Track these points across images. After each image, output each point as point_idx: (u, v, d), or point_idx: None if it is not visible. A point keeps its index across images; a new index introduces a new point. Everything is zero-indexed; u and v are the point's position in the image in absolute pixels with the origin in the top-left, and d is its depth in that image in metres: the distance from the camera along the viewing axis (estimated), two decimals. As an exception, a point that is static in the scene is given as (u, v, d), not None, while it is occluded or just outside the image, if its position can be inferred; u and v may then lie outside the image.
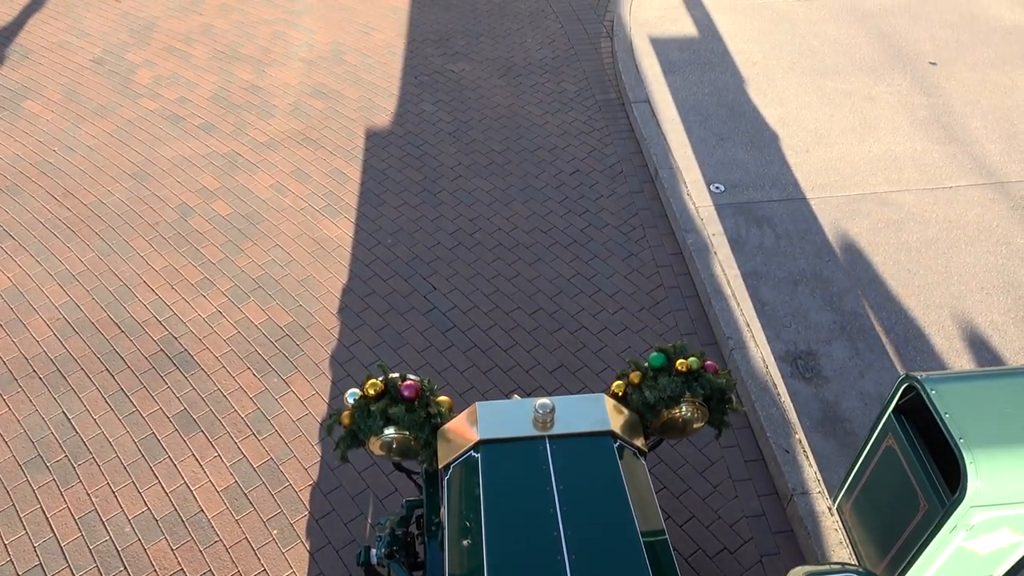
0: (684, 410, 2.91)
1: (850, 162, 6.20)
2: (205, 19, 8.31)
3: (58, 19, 8.32)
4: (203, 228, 5.89)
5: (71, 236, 5.79)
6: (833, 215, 5.75)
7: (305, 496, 4.27)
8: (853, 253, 5.48)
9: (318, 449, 4.49)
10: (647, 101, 6.84)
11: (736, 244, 5.54)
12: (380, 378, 2.91)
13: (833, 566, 2.47)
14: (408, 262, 5.65)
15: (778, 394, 4.55)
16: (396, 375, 2.95)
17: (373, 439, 2.88)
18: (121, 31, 8.11)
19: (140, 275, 5.50)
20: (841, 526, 3.90)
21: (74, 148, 6.61)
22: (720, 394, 2.95)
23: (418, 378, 2.93)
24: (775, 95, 6.89)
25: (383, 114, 6.99)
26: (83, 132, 6.77)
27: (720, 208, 5.81)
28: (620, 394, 2.99)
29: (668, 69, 7.19)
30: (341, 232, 5.87)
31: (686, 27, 7.77)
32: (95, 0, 8.62)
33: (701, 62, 7.29)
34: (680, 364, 2.93)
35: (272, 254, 5.68)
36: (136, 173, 6.36)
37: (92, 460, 4.42)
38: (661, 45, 7.51)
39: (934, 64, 7.23)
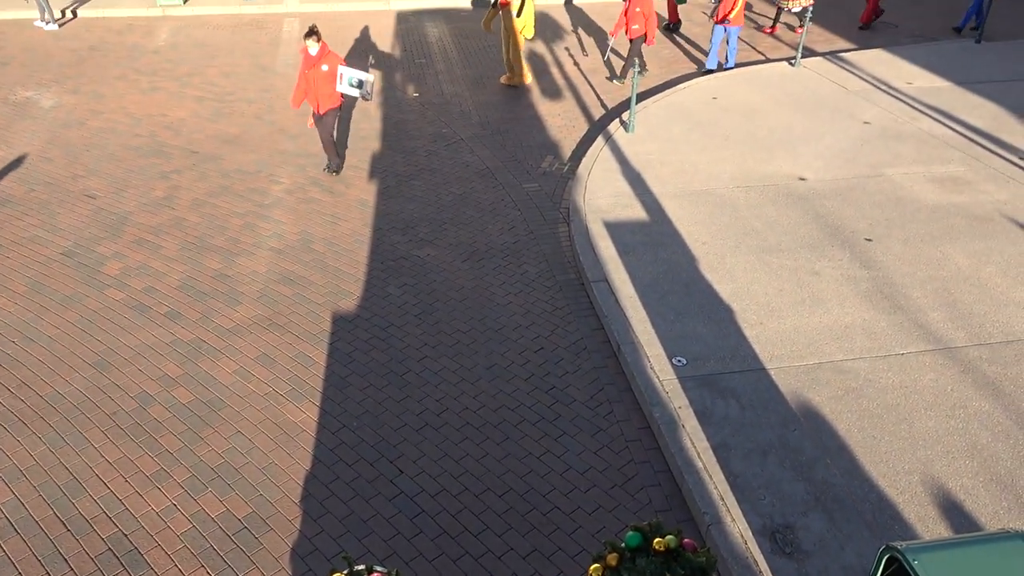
0: None
1: (803, 333, 6.43)
2: (177, 213, 8.62)
3: (31, 215, 8.55)
4: (162, 417, 5.74)
5: (22, 429, 5.59)
6: (793, 384, 5.87)
7: None
8: (817, 421, 5.54)
9: (275, 656, 4.13)
10: (605, 280, 7.13)
11: (703, 416, 5.57)
12: (344, 571, 2.77)
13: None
14: (374, 446, 5.53)
15: (760, 572, 4.39)
16: (362, 567, 2.82)
17: None
18: (93, 226, 8.33)
19: (92, 468, 5.28)
20: None
21: (34, 339, 6.55)
22: (702, 574, 2.85)
23: (385, 569, 2.79)
24: (725, 272, 7.25)
25: (350, 298, 7.13)
26: (45, 323, 6.75)
27: (684, 381, 5.90)
28: (599, 578, 2.87)
29: (623, 250, 7.57)
30: (305, 417, 5.78)
31: (637, 212, 8.27)
32: (70, 198, 8.92)
33: (654, 243, 7.70)
34: (658, 543, 2.85)
35: (233, 441, 5.53)
36: (97, 363, 6.28)
37: None
38: (615, 228, 7.95)
39: (870, 240, 7.74)
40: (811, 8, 13.64)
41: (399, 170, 9.62)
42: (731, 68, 12.63)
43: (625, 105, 11.25)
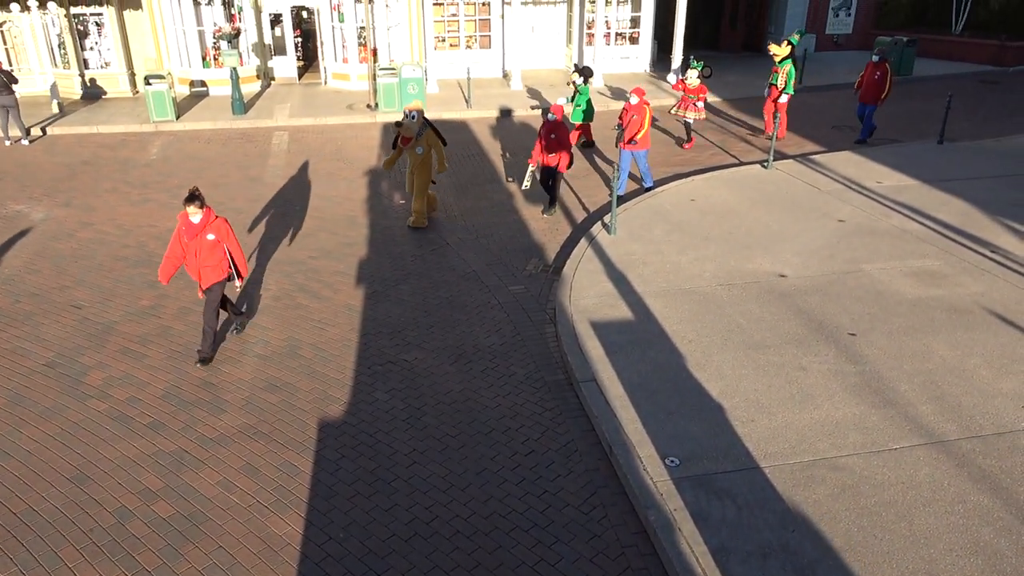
0: None
1: (795, 429, 6.38)
2: (163, 322, 8.59)
3: (15, 327, 8.49)
4: (141, 532, 5.53)
5: (-7, 550, 5.35)
6: (789, 483, 5.77)
7: None
8: (816, 521, 5.41)
9: None
10: (594, 380, 7.10)
11: (699, 518, 5.44)
12: None
13: None
14: (361, 558, 5.33)
15: None
16: None
17: None
18: (78, 335, 8.27)
19: (64, 590, 5.02)
20: None
21: (11, 453, 6.37)
22: None
23: None
24: (713, 369, 7.25)
25: (336, 405, 7.04)
26: (24, 436, 6.58)
27: (678, 482, 5.79)
28: None
29: (611, 350, 7.58)
30: (290, 529, 5.58)
31: (623, 311, 8.35)
32: (56, 308, 8.89)
33: (641, 342, 7.73)
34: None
35: (215, 557, 5.31)
36: (75, 476, 6.09)
37: None
38: (602, 328, 7.99)
39: (854, 335, 7.81)
40: (695, 117, 14.39)
41: (386, 275, 9.72)
42: (651, 187, 12.22)
43: (606, 208, 11.55)
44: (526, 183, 11.71)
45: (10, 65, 20.20)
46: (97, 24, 19.87)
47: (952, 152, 14.21)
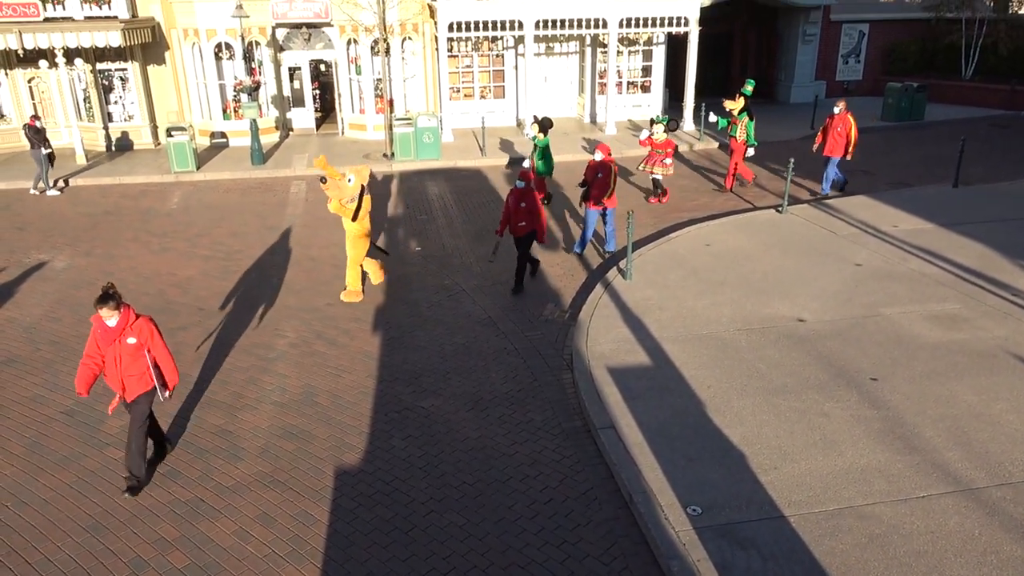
0: None
1: (819, 477, 6.26)
2: (181, 369, 8.59)
3: (35, 374, 8.54)
4: (156, 584, 5.46)
5: (7, 601, 5.29)
6: (815, 532, 5.64)
7: None
8: (845, 572, 5.27)
9: None
10: (613, 427, 7.02)
11: (723, 570, 5.31)
12: None
13: None
14: (378, 610, 5.23)
15: None
16: None
17: None
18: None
19: (78, 643, 4.95)
20: None
21: (28, 502, 6.34)
22: None
23: None
24: (733, 415, 7.16)
25: (353, 452, 6.99)
26: (40, 484, 6.57)
27: (700, 531, 5.67)
28: None
29: (629, 396, 7.51)
30: (306, 580, 5.49)
31: (640, 357, 8.29)
32: (75, 356, 8.94)
33: (659, 388, 7.66)
34: None
35: (229, 609, 5.22)
36: (91, 526, 6.05)
37: None
38: (619, 374, 7.94)
39: (875, 380, 7.71)
40: (663, 173, 14.06)
41: (402, 321, 9.73)
42: (612, 251, 11.82)
43: (621, 253, 11.57)
44: (492, 257, 11.06)
45: (38, 119, 20.75)
46: (122, 79, 20.43)
47: (967, 196, 14.19)
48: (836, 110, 14.18)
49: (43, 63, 18.99)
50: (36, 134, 15.83)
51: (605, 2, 19.87)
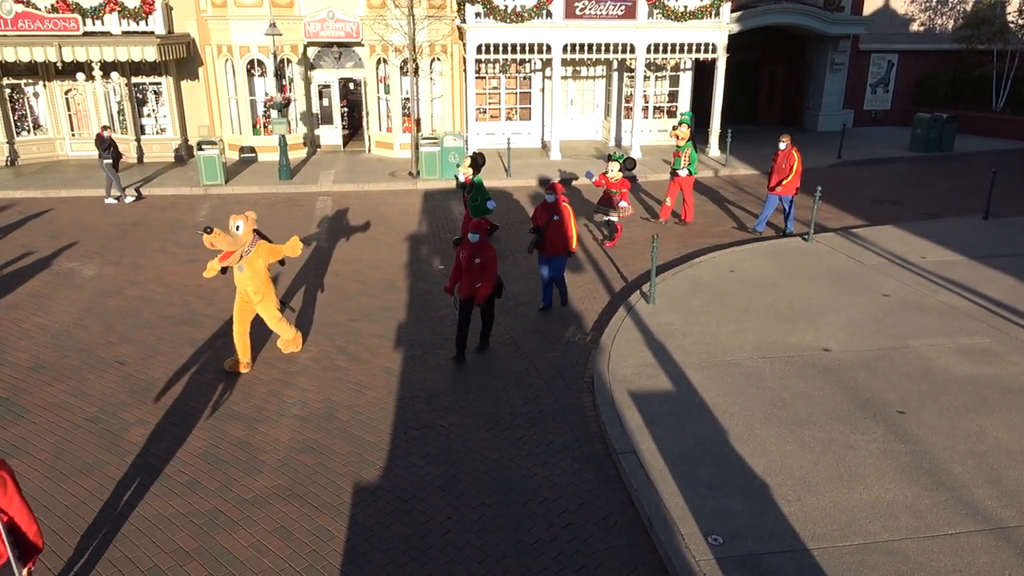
0: None
1: (844, 510, 6.14)
2: (204, 379, 8.68)
3: (62, 381, 8.64)
4: (172, 594, 5.46)
5: (26, 606, 5.31)
6: (839, 567, 5.52)
7: None
8: (869, 609, 5.15)
9: None
10: (634, 452, 6.95)
11: (744, 601, 5.20)
12: None
13: None
14: (393, 629, 5.18)
15: None
16: None
17: None
18: (122, 391, 8.38)
19: (94, 651, 4.95)
20: None
21: (50, 507, 6.39)
22: None
23: None
24: (756, 444, 7.06)
25: (372, 469, 6.97)
26: (63, 491, 6.62)
27: (722, 562, 5.57)
28: None
29: (650, 421, 7.44)
30: (322, 596, 5.47)
31: (662, 382, 8.22)
32: (101, 364, 9.05)
33: (681, 414, 7.58)
34: None
35: (245, 623, 5.20)
36: (110, 533, 6.07)
37: None
38: (641, 399, 7.87)
39: (903, 413, 7.57)
40: (617, 215, 12.90)
41: (424, 339, 9.74)
42: (557, 303, 10.68)
43: (645, 277, 11.52)
44: (455, 308, 9.02)
45: (72, 130, 21.21)
46: (155, 93, 20.84)
47: (998, 228, 14.00)
48: (781, 146, 13.32)
49: (80, 76, 19.43)
50: (101, 143, 16.14)
51: (634, 28, 20.00)
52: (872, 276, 11.38)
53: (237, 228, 8.28)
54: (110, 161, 16.22)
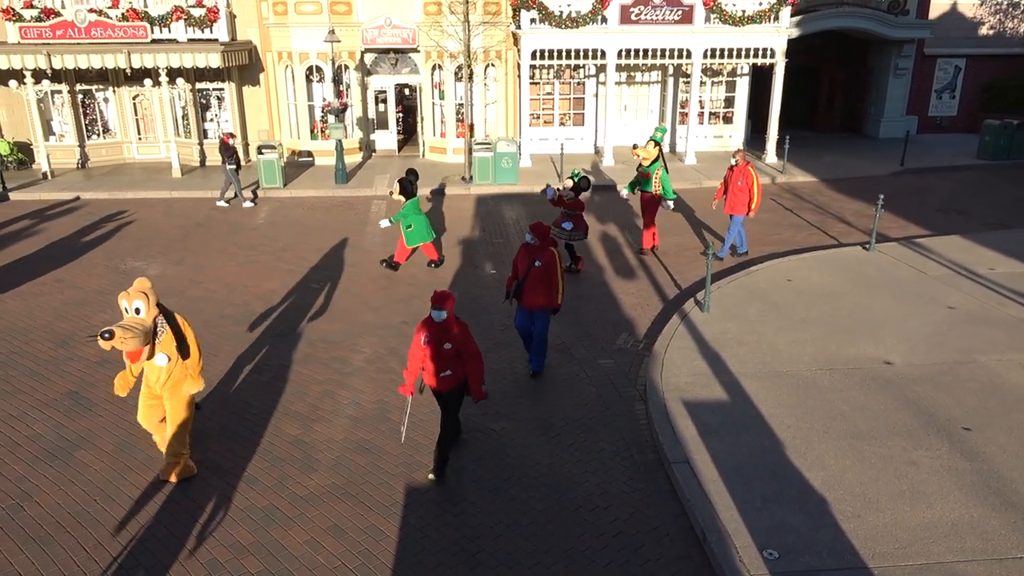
0: None
1: (906, 528, 5.95)
2: (262, 378, 8.87)
3: (127, 376, 8.93)
4: (230, 587, 5.59)
5: (92, 593, 5.51)
6: (901, 587, 5.35)
7: None
8: (933, 632, 4.97)
9: None
10: (687, 462, 6.86)
11: (801, 618, 5.08)
12: None
13: None
14: (443, 631, 5.21)
15: None
16: None
17: None
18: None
19: (155, 640, 5.10)
20: None
21: (115, 498, 6.61)
22: None
23: None
24: (815, 458, 6.89)
25: (424, 470, 7.03)
26: (128, 482, 6.84)
27: (777, 576, 5.45)
28: None
29: (704, 431, 7.33)
30: (374, 595, 5.53)
31: (716, 392, 8.10)
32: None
33: (736, 425, 7.45)
34: None
35: (299, 618, 5.29)
36: (172, 525, 6.24)
37: None
38: (695, 408, 7.76)
39: (968, 430, 7.31)
40: (575, 233, 11.69)
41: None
42: (536, 371, 8.83)
43: (699, 285, 11.37)
44: (403, 427, 7.19)
45: (139, 134, 21.97)
46: (218, 98, 21.44)
47: (1072, 240, 13.42)
48: (733, 162, 12.21)
49: (147, 82, 20.11)
50: (225, 150, 16.73)
51: (690, 33, 19.79)
52: (936, 287, 11.02)
53: (137, 311, 6.21)
54: (234, 167, 16.77)
